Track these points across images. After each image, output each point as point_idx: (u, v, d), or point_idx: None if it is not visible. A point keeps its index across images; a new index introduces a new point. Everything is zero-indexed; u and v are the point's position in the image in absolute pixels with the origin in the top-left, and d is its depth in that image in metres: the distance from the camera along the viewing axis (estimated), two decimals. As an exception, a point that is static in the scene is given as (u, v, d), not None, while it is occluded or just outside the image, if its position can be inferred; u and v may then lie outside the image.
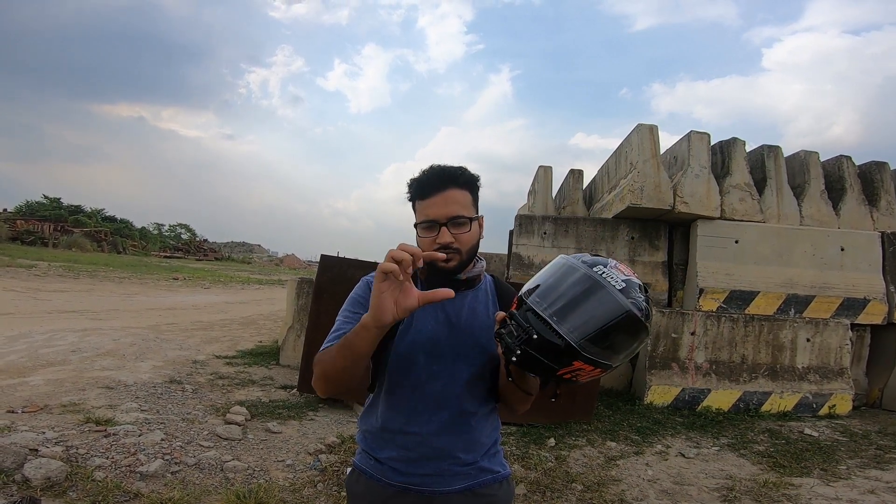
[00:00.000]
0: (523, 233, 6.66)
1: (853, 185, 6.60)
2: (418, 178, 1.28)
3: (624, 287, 1.00)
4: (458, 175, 1.27)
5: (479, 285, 1.35)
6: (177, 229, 52.71)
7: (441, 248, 1.22)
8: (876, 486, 3.57)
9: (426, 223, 1.25)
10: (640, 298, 1.01)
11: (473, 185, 1.29)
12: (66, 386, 4.41)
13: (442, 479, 1.26)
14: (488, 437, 1.34)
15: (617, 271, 1.02)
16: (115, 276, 17.85)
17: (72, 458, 2.87)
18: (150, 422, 3.65)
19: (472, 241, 1.27)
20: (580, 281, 1.02)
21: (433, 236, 1.23)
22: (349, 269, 4.76)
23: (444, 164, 1.29)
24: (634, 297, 1.00)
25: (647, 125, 6.08)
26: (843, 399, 5.49)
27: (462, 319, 1.30)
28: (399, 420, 1.28)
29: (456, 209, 1.24)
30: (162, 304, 11.86)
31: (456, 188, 1.25)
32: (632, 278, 1.03)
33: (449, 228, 1.23)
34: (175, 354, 6.18)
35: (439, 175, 1.26)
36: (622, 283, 1.00)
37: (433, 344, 1.28)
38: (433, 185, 1.25)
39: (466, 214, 1.25)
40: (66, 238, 31.90)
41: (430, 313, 1.30)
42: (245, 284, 21.37)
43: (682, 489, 3.46)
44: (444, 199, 1.24)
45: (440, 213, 1.23)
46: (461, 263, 1.26)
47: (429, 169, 1.28)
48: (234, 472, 3.04)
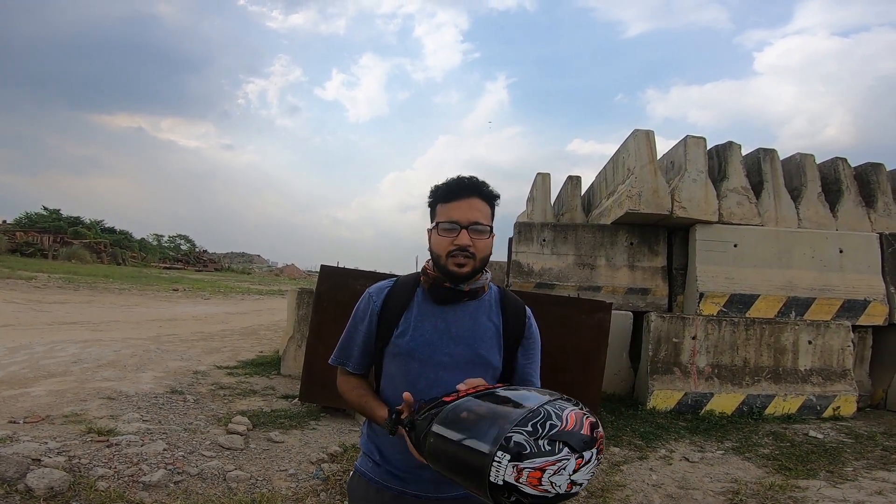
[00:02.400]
0: (522, 240, 6.66)
1: (850, 187, 6.63)
2: (446, 182, 1.34)
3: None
4: (483, 188, 1.33)
5: (482, 296, 1.37)
6: (176, 240, 52.69)
7: (457, 250, 1.27)
8: (883, 488, 3.55)
9: (448, 224, 1.29)
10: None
11: (493, 201, 1.36)
12: (68, 397, 4.39)
13: (439, 486, 1.29)
14: None
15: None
16: (115, 287, 17.82)
17: (74, 468, 2.86)
18: (152, 432, 3.64)
19: (486, 251, 1.32)
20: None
21: (452, 237, 1.28)
22: (349, 279, 4.77)
23: (471, 175, 1.36)
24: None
25: (644, 130, 6.12)
26: (847, 401, 5.48)
27: (462, 329, 1.32)
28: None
29: (478, 216, 1.29)
30: (162, 315, 11.84)
31: (479, 198, 1.32)
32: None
33: (469, 233, 1.27)
34: (176, 365, 6.16)
35: (467, 183, 1.33)
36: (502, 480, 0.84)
37: (430, 351, 1.30)
38: (460, 191, 1.31)
39: (486, 223, 1.31)
40: (65, 250, 31.87)
41: (429, 322, 1.32)
42: (245, 295, 21.33)
43: (688, 493, 3.44)
44: (468, 204, 1.30)
45: (463, 216, 1.28)
46: (473, 270, 1.29)
47: (456, 177, 1.35)
48: (237, 482, 3.03)
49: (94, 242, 35.89)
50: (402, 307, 1.34)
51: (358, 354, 1.38)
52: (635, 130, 6.18)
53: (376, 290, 1.39)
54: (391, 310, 1.34)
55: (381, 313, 1.35)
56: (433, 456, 0.99)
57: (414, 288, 1.37)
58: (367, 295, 1.39)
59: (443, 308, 1.33)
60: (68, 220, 39.96)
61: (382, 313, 1.35)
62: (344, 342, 1.41)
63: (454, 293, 1.31)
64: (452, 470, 0.94)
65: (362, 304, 1.39)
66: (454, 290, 1.31)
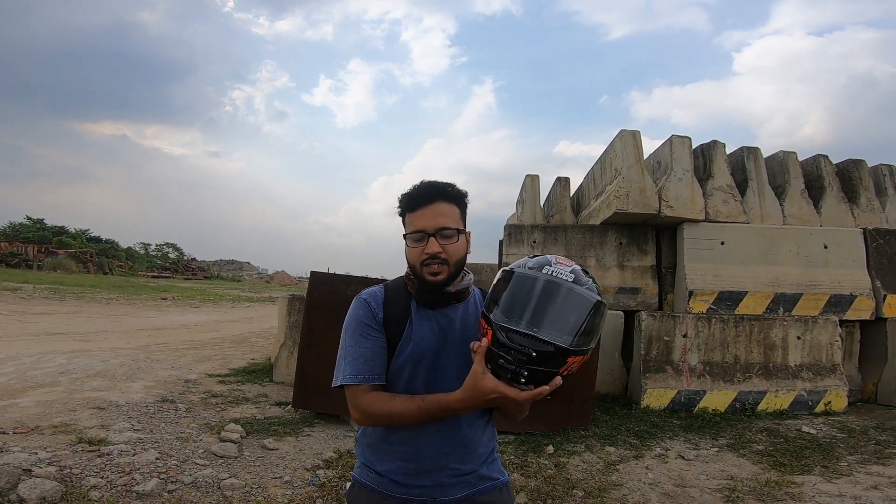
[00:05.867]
0: (513, 242, 6.68)
1: (832, 184, 6.73)
2: (409, 192, 1.33)
3: (574, 278, 1.09)
4: (447, 190, 1.32)
5: (468, 298, 1.38)
6: (164, 248, 52.21)
7: (429, 258, 1.26)
8: (879, 482, 3.59)
9: (415, 233, 1.29)
10: (591, 283, 1.12)
11: (461, 201, 1.34)
12: (57, 407, 4.33)
13: (443, 490, 1.29)
14: (485, 447, 1.36)
15: (562, 266, 1.11)
16: (103, 297, 17.60)
17: (66, 478, 2.82)
18: (144, 441, 3.59)
19: (459, 253, 1.30)
20: (539, 287, 1.08)
21: (422, 247, 1.27)
22: (339, 284, 4.75)
23: (433, 180, 1.34)
24: (588, 284, 1.10)
25: (630, 131, 6.17)
26: (838, 395, 5.55)
27: (456, 332, 1.33)
28: (399, 433, 1.30)
29: (444, 221, 1.28)
30: (151, 325, 11.70)
31: (444, 202, 1.30)
32: (575, 267, 1.12)
33: (437, 239, 1.27)
34: (166, 374, 6.09)
35: (429, 189, 1.31)
36: (570, 274, 1.09)
37: (430, 357, 1.30)
38: (423, 198, 1.30)
39: (454, 226, 1.29)
40: (50, 260, 31.43)
41: (426, 327, 1.32)
42: (235, 303, 21.15)
43: (684, 491, 3.46)
44: (433, 211, 1.28)
45: (429, 223, 1.27)
46: (449, 276, 1.29)
47: (419, 184, 1.33)
48: (232, 490, 3.00)
49: (80, 252, 35.43)
50: (403, 315, 1.33)
51: (381, 365, 1.30)
52: (622, 131, 6.23)
53: (372, 298, 1.34)
54: (394, 318, 1.32)
55: (385, 322, 1.32)
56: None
57: (407, 294, 1.36)
58: (362, 302, 1.34)
59: (435, 312, 1.33)
60: (52, 230, 39.43)
61: (387, 322, 1.32)
62: (357, 355, 1.29)
63: (442, 296, 1.32)
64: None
65: (361, 312, 1.33)
66: (441, 293, 1.31)
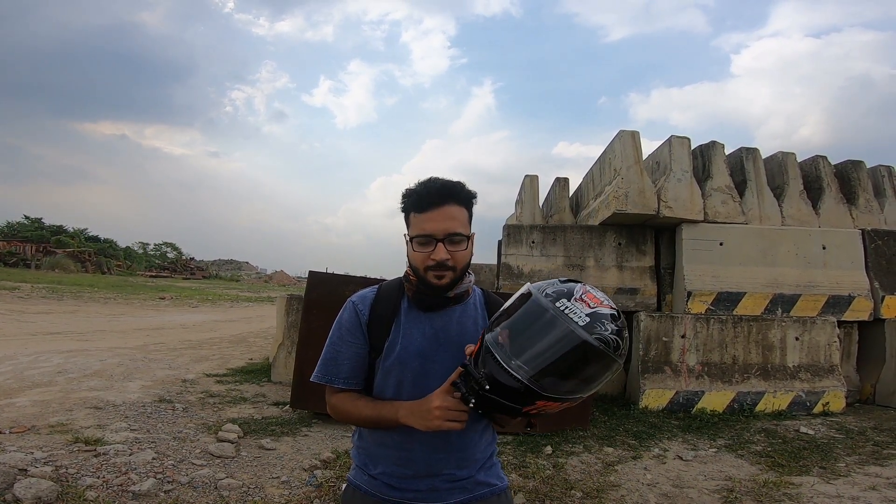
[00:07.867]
0: (511, 243, 6.68)
1: (831, 185, 6.74)
2: (416, 189, 1.25)
3: (587, 322, 0.97)
4: (458, 190, 1.24)
5: (467, 300, 1.34)
6: (162, 248, 52.17)
7: (435, 265, 1.21)
8: (877, 483, 3.59)
9: (423, 237, 1.21)
10: (605, 330, 0.97)
11: (470, 202, 1.28)
12: (53, 407, 4.31)
13: (437, 494, 1.26)
14: (483, 452, 1.32)
15: (582, 304, 0.99)
16: (101, 296, 17.57)
17: (62, 478, 2.80)
18: (141, 441, 3.58)
19: (465, 260, 1.25)
20: (539, 318, 1.00)
21: (428, 251, 1.21)
22: (338, 284, 4.74)
23: (443, 178, 1.26)
24: (598, 330, 0.97)
25: (629, 131, 6.17)
26: (836, 396, 5.55)
27: (450, 335, 1.28)
28: (392, 437, 1.26)
29: (454, 226, 1.21)
30: (149, 324, 11.68)
31: (455, 204, 1.23)
32: (599, 309, 0.99)
33: (446, 245, 1.20)
34: (164, 374, 6.08)
35: (439, 189, 1.23)
36: (586, 317, 0.97)
37: (422, 360, 1.26)
38: (432, 200, 1.22)
39: (464, 232, 1.23)
40: (48, 259, 31.39)
41: (417, 329, 1.28)
42: (234, 302, 21.14)
43: (683, 492, 3.45)
44: (442, 214, 1.21)
45: (438, 228, 1.20)
46: (453, 281, 1.24)
47: (428, 181, 1.25)
48: (229, 490, 2.99)
49: (79, 251, 35.38)
50: (390, 317, 1.29)
51: (348, 370, 1.29)
52: (621, 131, 6.23)
53: (360, 300, 1.32)
54: (379, 320, 1.28)
55: (369, 324, 1.28)
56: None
57: (399, 295, 1.32)
58: (351, 305, 1.32)
59: (429, 315, 1.29)
60: (51, 229, 39.38)
61: (371, 324, 1.28)
62: (329, 357, 1.30)
63: (440, 299, 1.27)
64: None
65: (346, 315, 1.31)
66: (439, 296, 1.27)
